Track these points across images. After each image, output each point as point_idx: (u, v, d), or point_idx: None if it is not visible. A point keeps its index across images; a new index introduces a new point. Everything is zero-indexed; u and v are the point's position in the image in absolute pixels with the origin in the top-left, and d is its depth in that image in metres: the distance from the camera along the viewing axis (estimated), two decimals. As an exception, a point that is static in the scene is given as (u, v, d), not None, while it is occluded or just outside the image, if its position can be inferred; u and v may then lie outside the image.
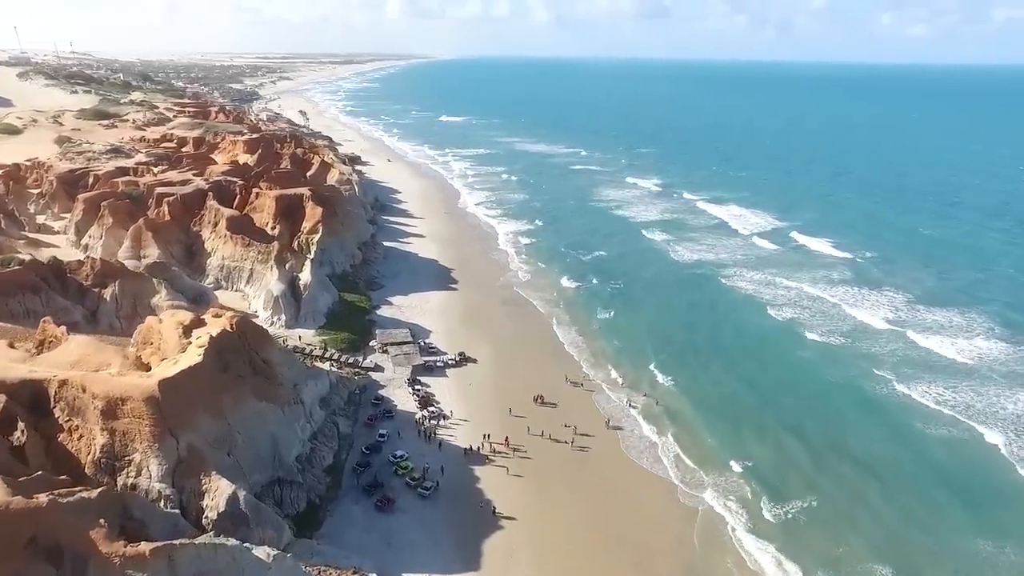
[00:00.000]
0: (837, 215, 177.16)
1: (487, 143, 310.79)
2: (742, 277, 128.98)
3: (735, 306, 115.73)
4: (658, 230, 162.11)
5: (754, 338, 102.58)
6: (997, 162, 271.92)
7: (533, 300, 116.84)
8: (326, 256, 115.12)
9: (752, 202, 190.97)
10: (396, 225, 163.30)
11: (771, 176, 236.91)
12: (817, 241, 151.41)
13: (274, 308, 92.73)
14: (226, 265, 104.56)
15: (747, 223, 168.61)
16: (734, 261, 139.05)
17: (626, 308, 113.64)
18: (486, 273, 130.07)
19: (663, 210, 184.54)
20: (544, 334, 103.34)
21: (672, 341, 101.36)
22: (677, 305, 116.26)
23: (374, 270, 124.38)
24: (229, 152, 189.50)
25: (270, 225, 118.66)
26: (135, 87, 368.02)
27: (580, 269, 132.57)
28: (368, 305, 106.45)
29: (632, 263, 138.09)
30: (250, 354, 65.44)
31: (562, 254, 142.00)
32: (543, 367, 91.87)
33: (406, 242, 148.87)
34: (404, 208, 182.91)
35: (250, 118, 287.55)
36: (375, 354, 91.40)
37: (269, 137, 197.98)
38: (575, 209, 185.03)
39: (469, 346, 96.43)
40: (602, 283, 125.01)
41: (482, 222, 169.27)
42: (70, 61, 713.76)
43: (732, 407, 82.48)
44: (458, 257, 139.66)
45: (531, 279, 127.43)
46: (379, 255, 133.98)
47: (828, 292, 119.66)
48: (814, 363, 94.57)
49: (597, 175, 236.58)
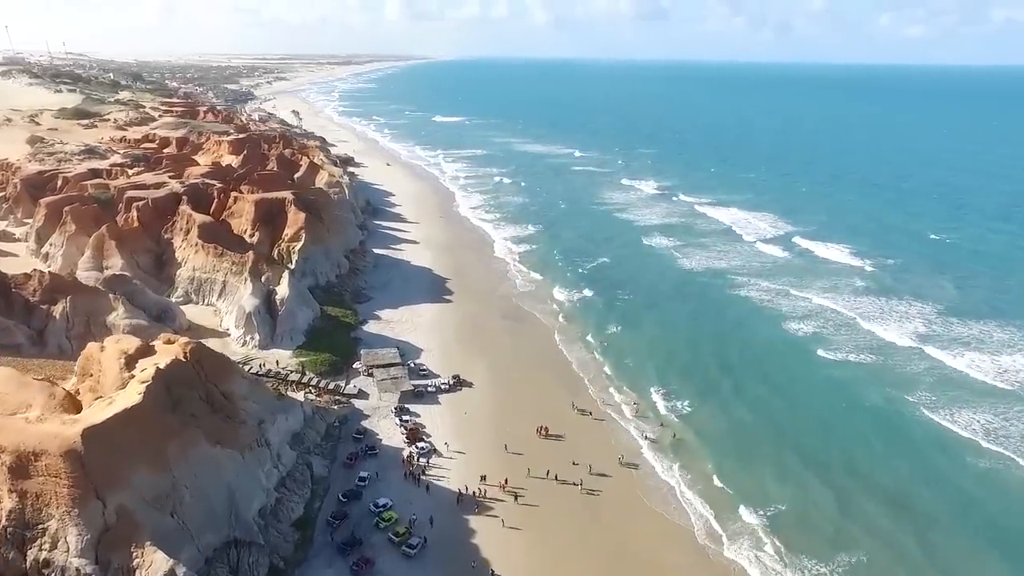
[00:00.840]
0: (841, 219, 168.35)
1: (485, 144, 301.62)
2: (751, 287, 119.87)
3: (747, 320, 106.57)
4: (661, 235, 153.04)
5: (770, 356, 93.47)
6: (998, 162, 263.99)
7: (534, 313, 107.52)
8: (309, 266, 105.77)
9: (754, 205, 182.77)
10: (388, 230, 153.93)
11: (771, 177, 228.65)
12: (824, 247, 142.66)
13: (247, 326, 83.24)
14: (197, 277, 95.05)
15: (751, 228, 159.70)
16: (742, 269, 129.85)
17: (633, 321, 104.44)
18: (483, 283, 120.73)
19: (665, 214, 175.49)
20: (547, 352, 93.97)
21: (684, 360, 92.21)
22: (687, 318, 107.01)
23: (362, 280, 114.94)
24: (213, 153, 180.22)
25: (248, 232, 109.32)
26: (124, 86, 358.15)
27: (583, 278, 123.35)
28: (354, 320, 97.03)
29: (636, 271, 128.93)
30: (207, 388, 56.06)
31: (563, 261, 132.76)
32: (547, 391, 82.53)
33: (398, 249, 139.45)
34: (398, 212, 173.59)
35: (240, 118, 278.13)
36: (359, 377, 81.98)
37: (256, 138, 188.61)
38: (575, 212, 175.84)
39: (464, 367, 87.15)
40: (606, 293, 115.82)
41: (479, 227, 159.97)
42: (62, 61, 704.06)
43: (753, 439, 73.55)
44: (453, 265, 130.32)
45: (531, 289, 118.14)
46: (368, 263, 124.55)
47: (843, 304, 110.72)
48: (836, 386, 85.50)
49: (596, 177, 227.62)
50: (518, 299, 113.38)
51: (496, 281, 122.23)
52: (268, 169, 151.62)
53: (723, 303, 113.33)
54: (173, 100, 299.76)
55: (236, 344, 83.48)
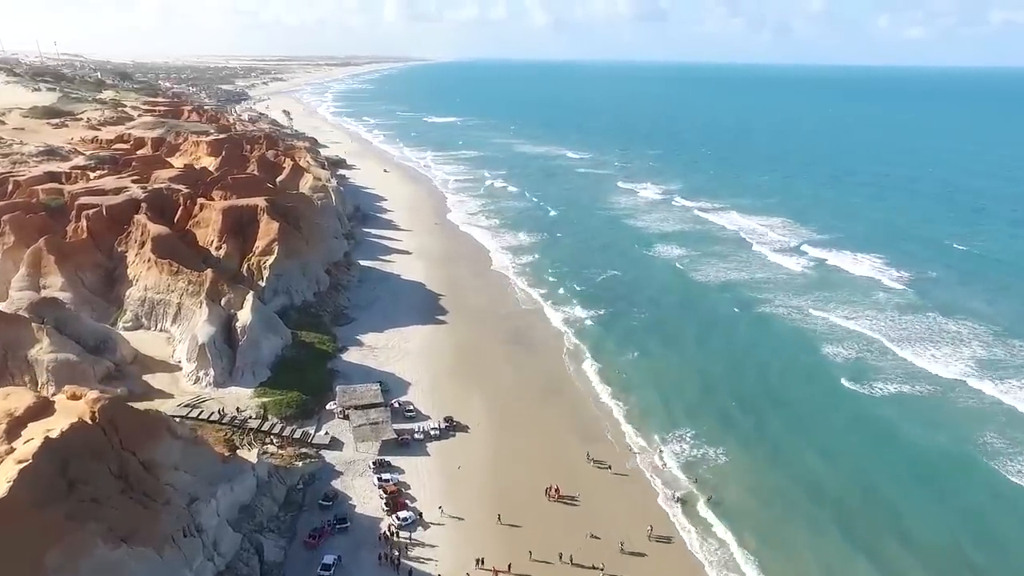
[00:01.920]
0: (852, 224, 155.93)
1: (483, 145, 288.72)
2: (768, 304, 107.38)
3: (776, 342, 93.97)
4: (671, 244, 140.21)
5: (798, 391, 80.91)
6: (1002, 164, 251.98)
7: (539, 337, 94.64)
8: (282, 283, 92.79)
9: (759, 209, 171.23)
10: (378, 239, 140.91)
11: (774, 179, 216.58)
12: (838, 256, 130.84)
13: (199, 359, 70.17)
14: (149, 298, 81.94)
15: (760, 236, 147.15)
16: (756, 284, 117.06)
17: (650, 346, 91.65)
18: (481, 300, 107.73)
19: (670, 219, 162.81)
20: (555, 386, 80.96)
21: (709, 394, 79.58)
22: (706, 341, 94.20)
23: (344, 298, 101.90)
24: (191, 154, 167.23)
25: (215, 244, 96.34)
26: (110, 85, 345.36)
27: (591, 294, 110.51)
28: (331, 348, 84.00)
29: (648, 285, 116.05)
30: (121, 458, 43.11)
31: (568, 274, 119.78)
32: (556, 437, 69.59)
33: (388, 260, 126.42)
34: (389, 218, 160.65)
35: (227, 118, 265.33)
36: (334, 420, 69.11)
37: (238, 138, 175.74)
38: (576, 218, 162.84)
39: (459, 405, 74.25)
40: (618, 312, 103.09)
41: (475, 235, 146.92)
42: (55, 61, 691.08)
43: (804, 498, 61.42)
44: (448, 279, 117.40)
45: (534, 308, 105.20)
46: (353, 278, 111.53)
47: (868, 325, 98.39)
48: (878, 429, 73.11)
49: (596, 179, 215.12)
50: (520, 320, 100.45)
51: (495, 298, 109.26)
52: (246, 172, 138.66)
53: (742, 324, 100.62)
54: (157, 99, 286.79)
55: (187, 380, 70.46)
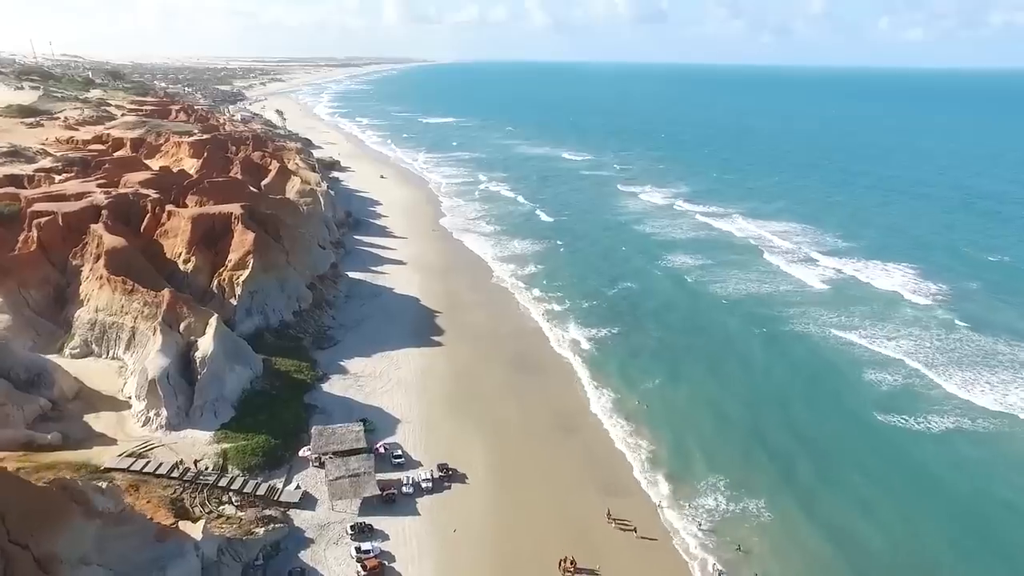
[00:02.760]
0: (866, 231, 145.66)
1: (482, 146, 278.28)
2: (796, 322, 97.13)
3: (803, 368, 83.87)
4: (680, 253, 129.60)
5: (844, 425, 71.22)
6: (1011, 166, 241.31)
7: (548, 361, 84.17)
8: (257, 301, 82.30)
9: (770, 215, 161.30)
10: (370, 248, 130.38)
11: (780, 182, 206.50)
12: (860, 268, 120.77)
13: (150, 397, 59.60)
14: (100, 320, 71.42)
15: (775, 244, 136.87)
16: (779, 299, 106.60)
17: (672, 371, 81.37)
18: (482, 317, 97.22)
19: (679, 226, 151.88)
20: (567, 420, 70.48)
21: (743, 428, 69.71)
22: (733, 366, 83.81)
23: (329, 317, 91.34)
24: (172, 156, 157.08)
25: (183, 257, 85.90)
26: (99, 85, 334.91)
27: (600, 310, 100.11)
28: (310, 377, 73.50)
29: (661, 301, 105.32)
30: (7, 554, 32.64)
31: (575, 288, 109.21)
32: (570, 487, 59.17)
33: (380, 272, 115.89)
34: (383, 224, 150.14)
35: (219, 118, 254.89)
36: (307, 470, 58.62)
37: (223, 139, 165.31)
38: (581, 225, 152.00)
39: (456, 447, 63.89)
40: (631, 331, 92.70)
41: (475, 243, 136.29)
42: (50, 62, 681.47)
43: (849, 567, 50.65)
44: (446, 293, 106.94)
45: (542, 326, 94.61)
46: (340, 293, 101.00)
47: (901, 350, 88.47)
48: (943, 474, 62.47)
49: (600, 182, 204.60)
50: (523, 341, 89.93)
51: (496, 315, 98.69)
52: (228, 175, 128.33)
53: (765, 346, 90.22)
54: (145, 99, 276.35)
55: (136, 422, 59.89)
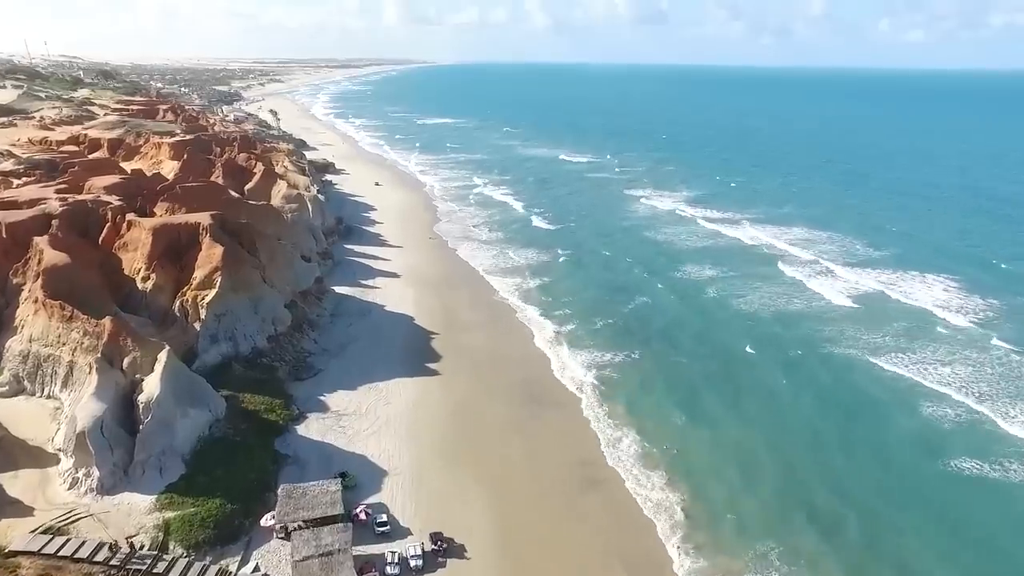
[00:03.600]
0: (885, 239, 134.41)
1: (483, 148, 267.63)
2: (825, 346, 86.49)
3: (849, 403, 72.93)
4: (696, 265, 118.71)
5: (913, 482, 60.08)
6: (1018, 166, 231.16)
7: (557, 393, 73.55)
8: (225, 326, 71.68)
9: (782, 220, 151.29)
10: (362, 258, 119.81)
11: (787, 185, 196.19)
12: (885, 281, 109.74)
13: (78, 452, 48.86)
14: (34, 352, 60.72)
15: (791, 255, 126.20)
16: (803, 319, 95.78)
17: (699, 407, 71.02)
18: (482, 339, 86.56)
19: (692, 234, 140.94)
20: (586, 471, 59.88)
21: (788, 478, 60.15)
22: (770, 400, 73.49)
23: (310, 341, 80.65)
24: (151, 157, 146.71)
25: (143, 273, 75.33)
26: (88, 84, 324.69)
27: (616, 331, 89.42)
28: (282, 417, 62.86)
29: (681, 320, 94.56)
30: None
31: (586, 304, 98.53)
32: (593, 568, 48.41)
33: (371, 286, 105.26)
34: (377, 232, 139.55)
35: (211, 118, 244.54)
36: (271, 542, 48.00)
37: (207, 139, 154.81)
38: (589, 233, 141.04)
39: (453, 508, 53.35)
40: (651, 356, 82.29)
41: (475, 253, 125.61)
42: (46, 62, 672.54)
43: None
44: (443, 310, 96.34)
45: (551, 351, 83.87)
46: (324, 312, 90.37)
47: (956, 378, 77.42)
48: None
49: (604, 185, 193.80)
50: (531, 367, 79.35)
51: (499, 336, 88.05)
52: (208, 179, 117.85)
53: (796, 371, 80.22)
54: (133, 99, 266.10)
55: (61, 484, 49.21)
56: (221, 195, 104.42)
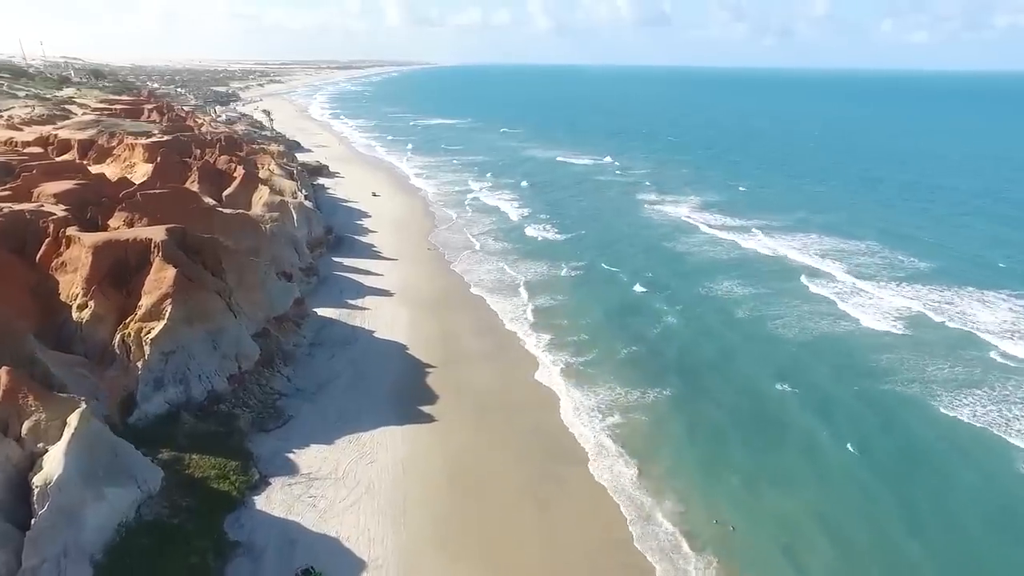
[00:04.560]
0: (915, 251, 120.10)
1: (484, 150, 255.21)
2: (891, 382, 72.59)
3: (937, 461, 59.76)
4: (721, 281, 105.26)
5: None
6: None
7: (578, 448, 60.92)
8: (174, 366, 59.24)
9: (798, 227, 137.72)
10: (351, 274, 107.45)
11: (796, 188, 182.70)
12: (932, 303, 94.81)
13: (-56, 563, 36.60)
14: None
15: (822, 269, 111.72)
16: (856, 346, 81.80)
17: (755, 463, 58.24)
18: (487, 377, 73.95)
19: (712, 245, 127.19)
20: (620, 562, 47.22)
21: (870, 561, 46.51)
22: (835, 461, 59.73)
23: (281, 380, 68.10)
24: (124, 159, 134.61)
25: (79, 300, 62.96)
26: (76, 83, 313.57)
27: (643, 363, 76.66)
28: (238, 485, 50.37)
29: (710, 348, 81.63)
30: None
31: (602, 330, 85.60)
32: None
33: (359, 307, 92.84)
34: (370, 242, 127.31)
35: (198, 119, 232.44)
36: None
37: (185, 140, 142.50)
38: (600, 242, 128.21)
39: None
40: (688, 396, 69.33)
41: (478, 266, 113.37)
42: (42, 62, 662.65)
43: None
44: (440, 337, 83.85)
45: (564, 389, 71.12)
46: (303, 340, 77.92)
47: None
48: None
49: (616, 190, 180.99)
50: (544, 413, 66.70)
51: (506, 370, 75.50)
52: (174, 184, 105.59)
53: (863, 416, 66.04)
54: (120, 98, 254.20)
55: (-77, 602, 36.87)
56: (190, 203, 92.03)
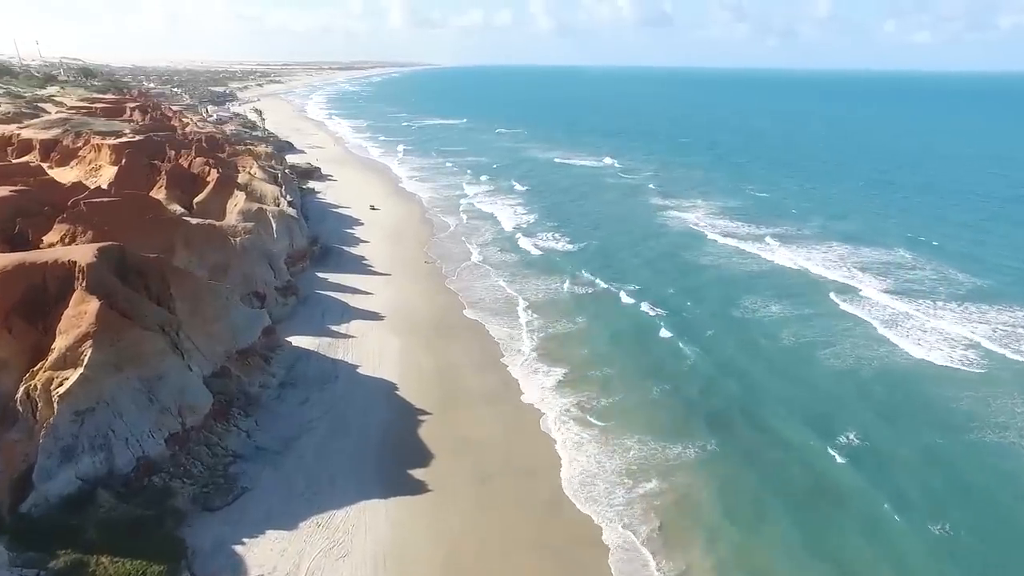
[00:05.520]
0: (951, 265, 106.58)
1: (485, 151, 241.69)
2: (960, 435, 59.31)
3: None
4: (742, 302, 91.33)
5: None
6: None
7: (607, 539, 47.84)
8: (92, 429, 46.27)
9: (821, 236, 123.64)
10: (336, 292, 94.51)
11: (807, 192, 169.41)
12: (988, 333, 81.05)
13: None
14: None
15: (852, 284, 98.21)
16: (908, 388, 68.39)
17: (793, 564, 45.22)
18: (492, 428, 60.76)
19: (727, 257, 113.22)
20: None
21: None
22: (928, 554, 47.30)
23: (238, 436, 54.87)
24: (89, 161, 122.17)
25: (-18, 341, 50.13)
26: (62, 82, 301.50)
27: (663, 412, 63.09)
28: (159, 606, 37.58)
29: (740, 390, 67.81)
30: None
31: (619, 366, 71.87)
32: None
33: (344, 334, 79.85)
34: (360, 253, 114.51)
35: (184, 118, 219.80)
36: None
37: (159, 140, 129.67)
38: (610, 255, 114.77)
39: None
40: (716, 464, 55.43)
41: (481, 283, 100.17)
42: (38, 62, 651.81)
43: None
44: (437, 374, 70.80)
45: (582, 449, 57.83)
46: (272, 380, 64.86)
47: None
48: None
49: (621, 193, 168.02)
50: (561, 483, 53.71)
51: (513, 423, 62.10)
52: (128, 191, 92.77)
53: (917, 485, 53.01)
54: (104, 96, 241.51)
55: None
56: (147, 213, 79.12)
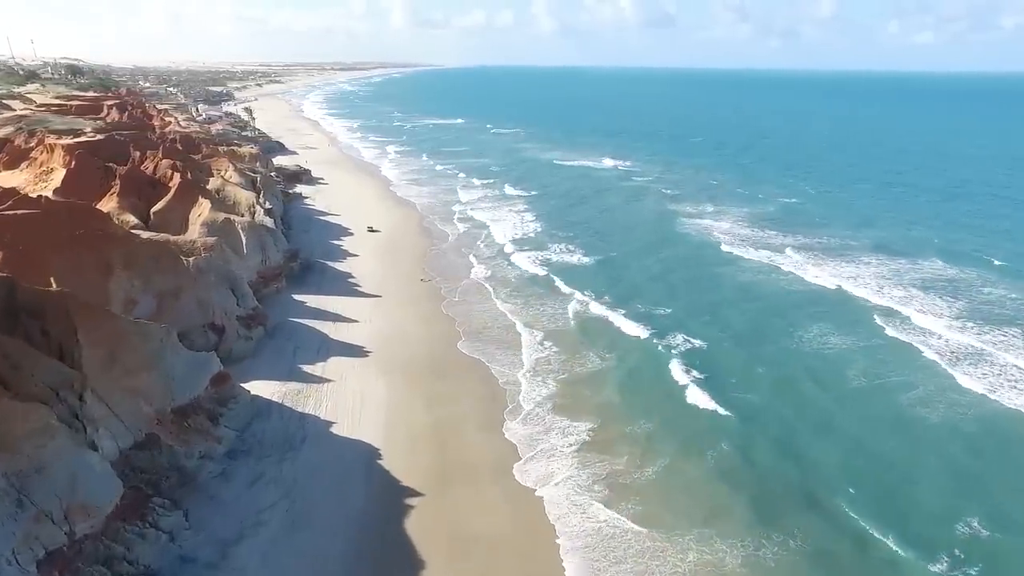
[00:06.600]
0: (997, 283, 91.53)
1: (486, 152, 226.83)
2: None
3: None
4: (776, 332, 75.30)
5: None
6: None
7: None
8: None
9: (849, 248, 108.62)
10: (315, 319, 79.56)
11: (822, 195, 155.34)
12: None
13: None
14: None
15: (898, 308, 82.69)
16: (1006, 447, 54.60)
17: None
18: (501, 522, 45.60)
19: (750, 274, 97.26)
20: None
21: None
22: None
23: (150, 548, 39.99)
24: (40, 164, 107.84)
25: None
26: (45, 79, 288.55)
27: (719, 498, 48.02)
28: None
29: (797, 472, 51.12)
30: None
31: (651, 427, 56.41)
32: None
33: (318, 377, 64.93)
34: (348, 269, 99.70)
35: (166, 117, 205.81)
36: None
37: (122, 140, 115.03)
38: (626, 269, 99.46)
39: None
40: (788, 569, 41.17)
41: (485, 308, 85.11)
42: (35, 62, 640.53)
43: None
44: (433, 433, 55.89)
45: (615, 564, 43.30)
46: (216, 450, 49.92)
47: None
48: None
49: (626, 197, 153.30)
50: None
51: (525, 518, 46.50)
52: (110, 193, 78.55)
53: None
54: (85, 94, 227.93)
55: None
56: (77, 228, 64.16)
